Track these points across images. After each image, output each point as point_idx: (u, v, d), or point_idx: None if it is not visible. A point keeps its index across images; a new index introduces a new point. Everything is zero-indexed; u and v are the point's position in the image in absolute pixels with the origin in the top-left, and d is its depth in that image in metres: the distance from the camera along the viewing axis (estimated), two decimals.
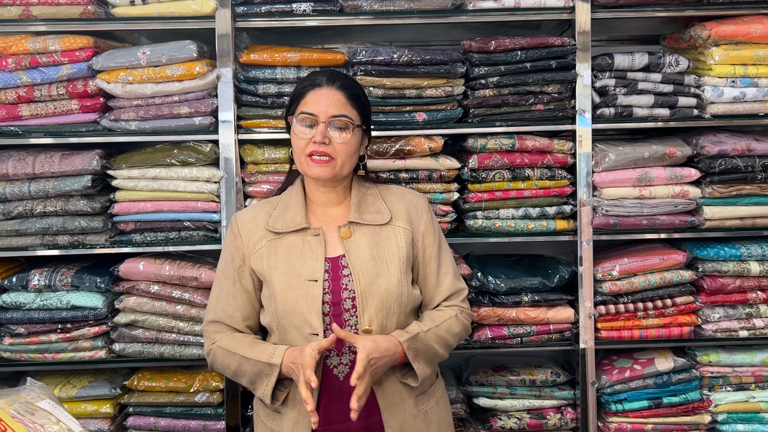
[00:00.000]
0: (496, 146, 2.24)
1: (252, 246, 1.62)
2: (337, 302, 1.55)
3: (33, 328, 2.21)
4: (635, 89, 2.24)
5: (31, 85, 2.19)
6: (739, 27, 2.19)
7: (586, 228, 2.26)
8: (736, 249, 2.28)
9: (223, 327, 1.65)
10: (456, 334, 1.66)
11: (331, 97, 1.57)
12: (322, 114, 1.56)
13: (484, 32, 2.36)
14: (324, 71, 1.65)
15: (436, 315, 1.65)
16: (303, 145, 1.58)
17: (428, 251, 1.67)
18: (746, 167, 2.24)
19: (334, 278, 1.56)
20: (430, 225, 1.69)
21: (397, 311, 1.57)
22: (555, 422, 2.33)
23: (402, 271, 1.59)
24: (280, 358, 1.51)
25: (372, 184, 1.73)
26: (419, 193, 1.77)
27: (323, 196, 1.66)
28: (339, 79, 1.61)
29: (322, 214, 1.66)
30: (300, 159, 1.60)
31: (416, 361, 1.55)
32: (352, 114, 1.60)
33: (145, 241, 2.24)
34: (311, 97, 1.58)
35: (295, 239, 1.60)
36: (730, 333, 2.30)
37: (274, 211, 1.66)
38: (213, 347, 1.63)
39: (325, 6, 2.21)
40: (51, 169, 2.18)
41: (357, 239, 1.60)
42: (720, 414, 2.33)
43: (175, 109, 2.20)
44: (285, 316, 1.56)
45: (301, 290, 1.54)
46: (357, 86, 1.65)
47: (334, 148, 1.57)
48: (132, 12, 2.20)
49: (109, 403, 2.26)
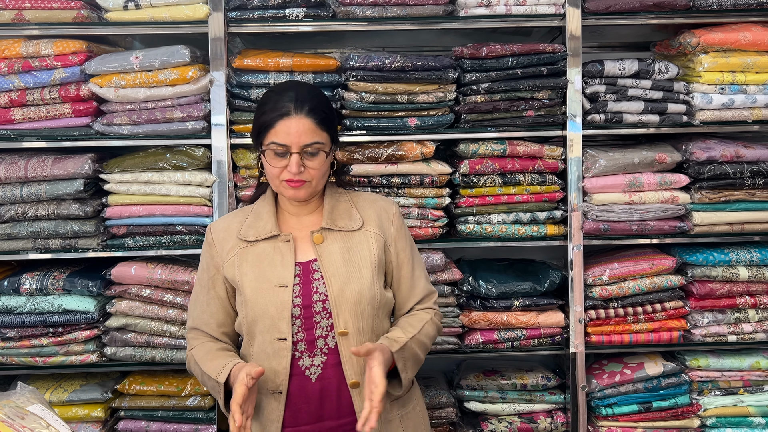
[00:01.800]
0: (488, 152, 2.26)
1: (225, 254, 1.65)
2: (307, 305, 1.57)
3: (24, 332, 2.20)
4: (625, 95, 2.26)
5: (23, 89, 2.19)
6: (728, 35, 2.21)
7: (577, 233, 2.28)
8: (725, 254, 2.30)
9: (200, 334, 1.69)
10: (432, 336, 1.69)
11: (302, 126, 1.55)
12: (294, 144, 1.54)
13: (475, 38, 2.38)
14: (288, 94, 1.58)
15: (413, 320, 1.67)
16: (277, 172, 1.58)
17: (401, 255, 1.69)
18: (735, 173, 2.26)
19: (304, 282, 1.58)
20: (402, 230, 1.71)
21: (370, 313, 1.59)
22: (545, 426, 2.34)
23: (374, 274, 1.61)
24: (226, 376, 1.52)
25: (344, 190, 1.75)
26: (390, 199, 1.79)
27: (296, 207, 1.68)
28: (306, 103, 1.56)
29: (295, 222, 1.68)
30: (275, 183, 1.62)
31: (404, 370, 1.57)
32: (323, 138, 1.59)
33: (137, 245, 2.24)
34: (281, 127, 1.55)
35: (266, 246, 1.63)
36: (719, 338, 2.32)
37: (246, 220, 1.68)
38: (188, 354, 1.69)
39: (318, 12, 2.22)
40: (43, 173, 2.18)
41: (329, 245, 1.62)
42: (709, 418, 2.34)
43: (167, 113, 2.20)
44: (254, 322, 1.58)
45: (270, 296, 1.56)
46: (324, 104, 1.62)
47: (308, 173, 1.58)
48: (125, 17, 2.20)
49: (100, 407, 2.26)
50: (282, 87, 1.64)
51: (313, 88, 1.67)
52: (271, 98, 1.60)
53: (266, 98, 1.63)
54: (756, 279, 2.28)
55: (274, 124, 1.55)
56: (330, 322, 1.57)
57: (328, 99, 1.67)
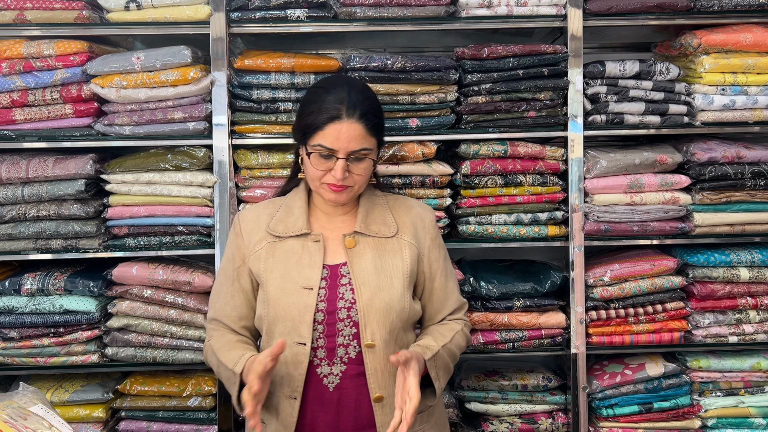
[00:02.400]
0: (489, 152, 2.26)
1: (252, 246, 1.59)
2: (332, 311, 1.51)
3: (25, 332, 2.20)
4: (626, 96, 2.26)
5: (25, 90, 2.19)
6: (729, 36, 2.22)
7: (578, 234, 2.28)
8: (726, 255, 2.30)
9: (220, 326, 1.63)
10: (462, 347, 1.65)
11: (352, 132, 1.47)
12: (342, 150, 1.47)
13: (477, 39, 2.38)
14: (339, 94, 1.49)
15: (444, 330, 1.62)
16: (320, 175, 1.51)
17: (434, 266, 1.64)
18: (736, 174, 2.26)
19: (331, 286, 1.53)
20: (436, 239, 1.66)
21: (397, 326, 1.54)
22: (546, 427, 2.34)
23: (405, 285, 1.55)
24: (242, 366, 1.46)
25: (381, 193, 1.69)
26: (427, 206, 1.73)
27: (330, 207, 1.62)
28: (358, 107, 1.48)
29: (326, 221, 1.62)
30: (315, 184, 1.55)
31: (438, 379, 1.53)
32: (372, 143, 1.52)
33: (138, 245, 2.25)
34: (330, 131, 1.47)
35: (295, 244, 1.57)
36: (720, 338, 2.32)
37: (276, 213, 1.63)
38: (206, 345, 1.63)
39: (320, 12, 2.22)
40: (44, 173, 2.18)
41: (361, 250, 1.56)
42: (710, 419, 2.34)
43: (169, 113, 2.20)
44: (275, 322, 1.54)
45: (294, 297, 1.51)
46: (375, 108, 1.54)
47: (352, 179, 1.52)
48: (126, 17, 2.20)
49: (101, 407, 2.26)
50: (332, 83, 1.54)
51: (365, 87, 1.56)
52: (320, 96, 1.51)
53: (314, 95, 1.53)
54: (757, 280, 2.28)
55: (323, 127, 1.47)
56: (353, 331, 1.51)
57: (378, 100, 1.59)
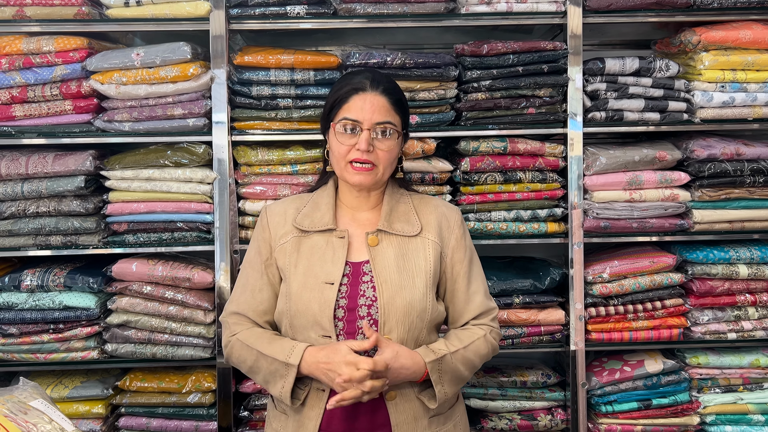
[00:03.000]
0: (488, 149, 2.26)
1: (278, 239, 1.60)
2: (352, 308, 1.51)
3: (25, 329, 2.20)
4: (626, 93, 2.26)
5: (24, 86, 2.19)
6: (729, 33, 2.22)
7: (577, 231, 2.28)
8: (725, 252, 2.30)
9: (245, 320, 1.62)
10: (483, 355, 1.60)
11: (376, 102, 1.52)
12: (367, 121, 1.51)
13: (476, 36, 2.38)
14: (365, 72, 1.59)
15: (464, 335, 1.59)
16: (345, 151, 1.53)
17: (457, 267, 1.62)
18: (735, 171, 2.26)
19: (353, 283, 1.53)
20: (462, 240, 1.63)
21: (418, 326, 1.53)
22: (546, 423, 2.34)
23: (427, 285, 1.54)
24: (299, 358, 1.47)
25: (406, 191, 1.69)
26: (453, 206, 1.71)
27: (356, 200, 1.62)
28: (382, 83, 1.55)
29: (350, 217, 1.62)
30: (340, 165, 1.56)
31: (440, 383, 1.51)
32: (396, 120, 1.55)
33: (138, 241, 2.25)
34: (355, 102, 1.52)
35: (320, 239, 1.58)
36: (719, 335, 2.32)
37: (304, 208, 1.63)
38: (232, 339, 1.60)
39: (319, 9, 2.22)
40: (44, 169, 2.18)
41: (384, 248, 1.56)
42: (708, 416, 2.35)
43: (168, 110, 2.20)
44: (297, 316, 1.53)
45: (316, 292, 1.51)
46: (399, 90, 1.60)
47: (376, 155, 1.53)
48: (126, 13, 2.20)
49: (101, 403, 2.26)
50: (357, 70, 1.65)
51: (389, 76, 1.64)
52: (346, 77, 1.59)
53: (341, 79, 1.62)
54: (756, 277, 2.29)
55: (348, 99, 1.53)
56: (373, 329, 1.49)
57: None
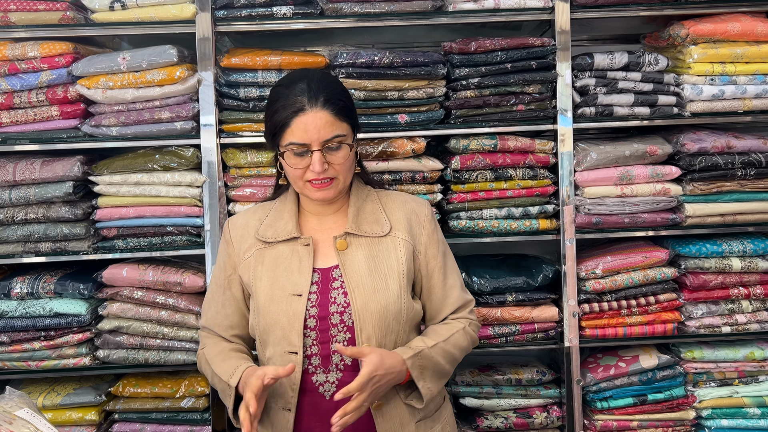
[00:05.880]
0: (479, 147, 2.25)
1: (242, 254, 1.57)
2: (324, 316, 1.47)
3: (16, 336, 2.19)
4: (615, 88, 2.25)
5: (10, 92, 2.18)
6: (717, 25, 2.21)
7: (569, 227, 2.27)
8: (718, 245, 2.29)
9: (212, 334, 1.62)
10: (463, 348, 1.58)
11: (319, 120, 1.43)
12: (315, 142, 1.44)
13: (465, 33, 2.37)
14: (299, 84, 1.47)
15: (441, 329, 1.56)
16: (300, 173, 1.48)
17: (431, 264, 1.58)
18: (726, 164, 2.26)
19: (322, 291, 1.49)
20: (434, 235, 1.59)
21: (395, 329, 1.49)
22: (541, 421, 2.34)
23: (401, 286, 1.50)
24: (237, 379, 1.44)
25: (372, 189, 1.64)
26: (422, 199, 1.67)
27: (320, 207, 1.58)
28: (320, 93, 1.45)
29: (316, 223, 1.58)
30: (299, 185, 1.51)
31: (422, 379, 1.47)
32: (344, 128, 1.48)
33: (128, 246, 2.23)
34: (297, 126, 1.44)
35: (285, 249, 1.53)
36: (713, 329, 2.32)
37: (266, 218, 1.59)
38: (200, 353, 1.62)
39: (306, 9, 2.21)
40: (32, 176, 2.17)
41: (353, 251, 1.51)
42: (704, 410, 2.34)
43: (156, 114, 2.19)
44: (266, 331, 1.50)
45: (283, 305, 1.47)
46: (339, 92, 1.50)
47: (333, 169, 1.48)
48: (111, 17, 2.19)
49: (94, 410, 2.25)
50: (291, 79, 1.50)
51: (324, 74, 1.53)
52: (281, 94, 1.48)
53: (276, 94, 1.50)
54: (749, 270, 2.28)
55: (290, 123, 1.44)
56: (348, 336, 1.46)
57: (342, 84, 1.56)
